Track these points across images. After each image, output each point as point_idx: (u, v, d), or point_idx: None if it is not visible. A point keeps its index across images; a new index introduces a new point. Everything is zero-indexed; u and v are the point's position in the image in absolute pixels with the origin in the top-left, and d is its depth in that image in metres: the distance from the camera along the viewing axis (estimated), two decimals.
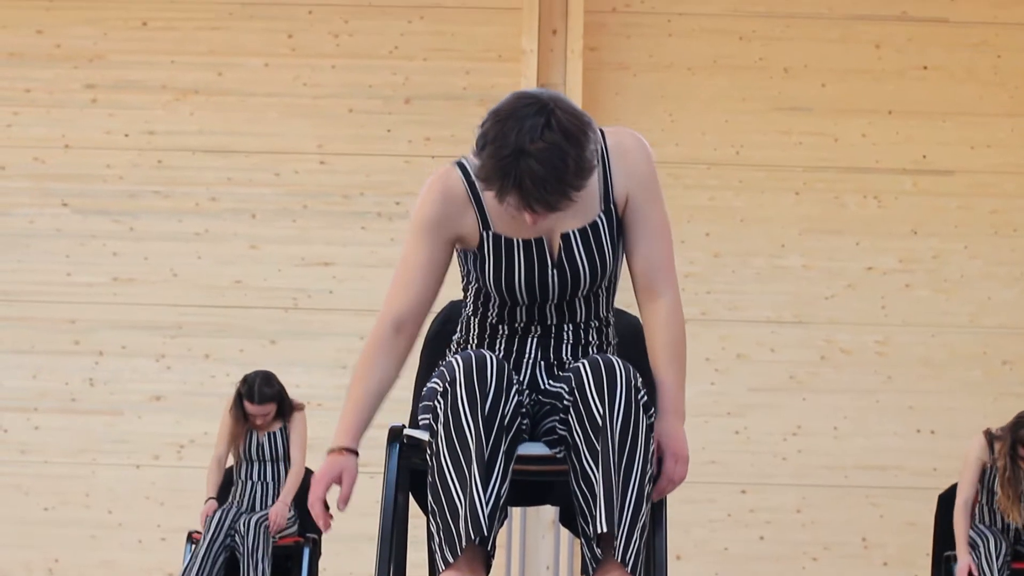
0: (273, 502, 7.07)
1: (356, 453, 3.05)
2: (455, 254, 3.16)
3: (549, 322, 3.16)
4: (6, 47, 9.03)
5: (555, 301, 3.13)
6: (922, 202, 8.88)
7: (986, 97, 8.95)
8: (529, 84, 8.53)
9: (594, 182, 3.05)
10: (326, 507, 3.06)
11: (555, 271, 3.08)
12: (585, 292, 3.13)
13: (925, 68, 9.00)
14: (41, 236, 8.84)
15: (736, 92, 8.95)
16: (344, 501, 3.01)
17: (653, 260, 3.10)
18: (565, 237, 3.07)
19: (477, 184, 3.03)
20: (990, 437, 6.88)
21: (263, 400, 7.05)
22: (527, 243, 3.07)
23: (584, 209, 3.07)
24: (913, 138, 8.93)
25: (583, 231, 3.08)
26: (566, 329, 3.17)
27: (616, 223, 3.10)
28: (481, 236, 3.09)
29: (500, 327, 3.19)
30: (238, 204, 8.87)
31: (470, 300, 3.23)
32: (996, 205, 8.88)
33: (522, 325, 3.17)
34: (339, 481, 3.03)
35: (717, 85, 8.96)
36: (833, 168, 8.91)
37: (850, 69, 8.98)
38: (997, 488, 6.78)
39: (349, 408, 3.06)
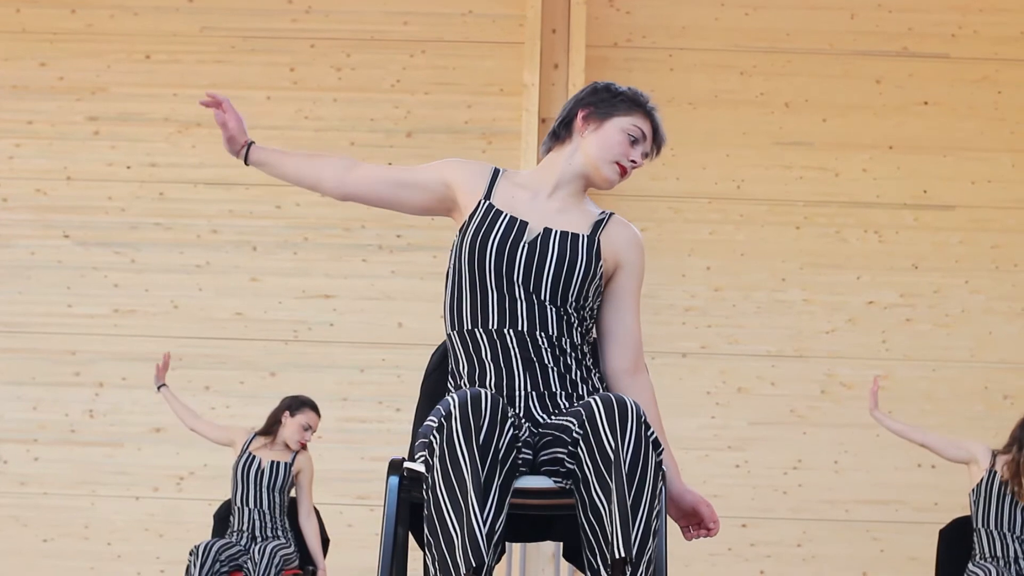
0: (272, 532, 7.03)
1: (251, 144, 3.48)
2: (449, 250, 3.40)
3: (520, 327, 3.24)
4: (9, 79, 9.06)
5: (521, 291, 3.25)
6: (923, 237, 8.89)
7: (987, 132, 8.97)
8: (530, 118, 8.55)
9: (592, 216, 3.38)
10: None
11: (525, 248, 3.28)
12: (548, 292, 3.25)
13: (926, 103, 9.02)
14: (42, 268, 8.85)
15: (737, 127, 8.97)
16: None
17: (636, 338, 3.38)
18: (546, 230, 3.31)
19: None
20: (994, 452, 6.86)
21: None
22: (512, 219, 3.32)
23: (573, 222, 3.35)
24: (914, 173, 8.94)
25: (563, 234, 3.31)
26: (541, 340, 3.24)
27: (596, 258, 3.30)
28: (479, 204, 3.35)
29: (477, 332, 3.26)
30: (239, 236, 8.88)
31: (446, 307, 3.35)
32: (997, 240, 8.88)
33: (495, 328, 3.24)
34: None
35: (718, 120, 8.98)
36: (834, 203, 8.92)
37: (851, 104, 9.01)
38: (1008, 476, 6.70)
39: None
